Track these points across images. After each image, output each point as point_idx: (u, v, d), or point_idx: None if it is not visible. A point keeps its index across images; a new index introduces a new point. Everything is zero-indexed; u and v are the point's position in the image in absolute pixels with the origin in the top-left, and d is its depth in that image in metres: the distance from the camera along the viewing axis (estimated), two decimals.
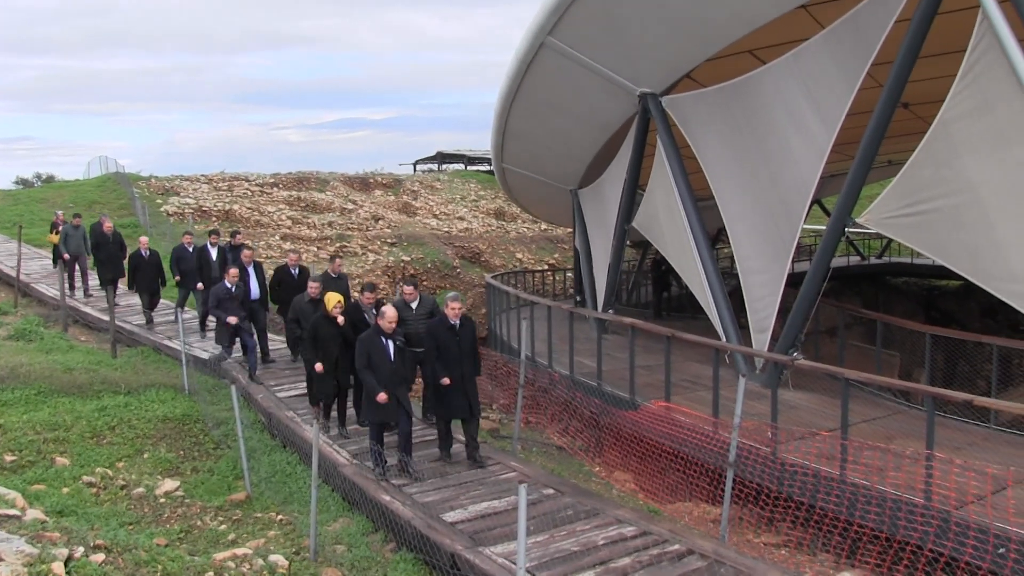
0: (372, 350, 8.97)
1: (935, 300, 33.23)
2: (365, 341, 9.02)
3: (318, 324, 10.39)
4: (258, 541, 8.04)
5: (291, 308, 12.05)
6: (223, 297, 12.74)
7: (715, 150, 13.70)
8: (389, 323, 8.97)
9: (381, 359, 9.00)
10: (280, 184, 35.92)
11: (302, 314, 11.65)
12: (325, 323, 10.37)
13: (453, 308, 9.48)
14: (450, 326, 9.48)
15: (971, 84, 9.59)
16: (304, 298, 11.90)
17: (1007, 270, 9.59)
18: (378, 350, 8.99)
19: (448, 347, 9.42)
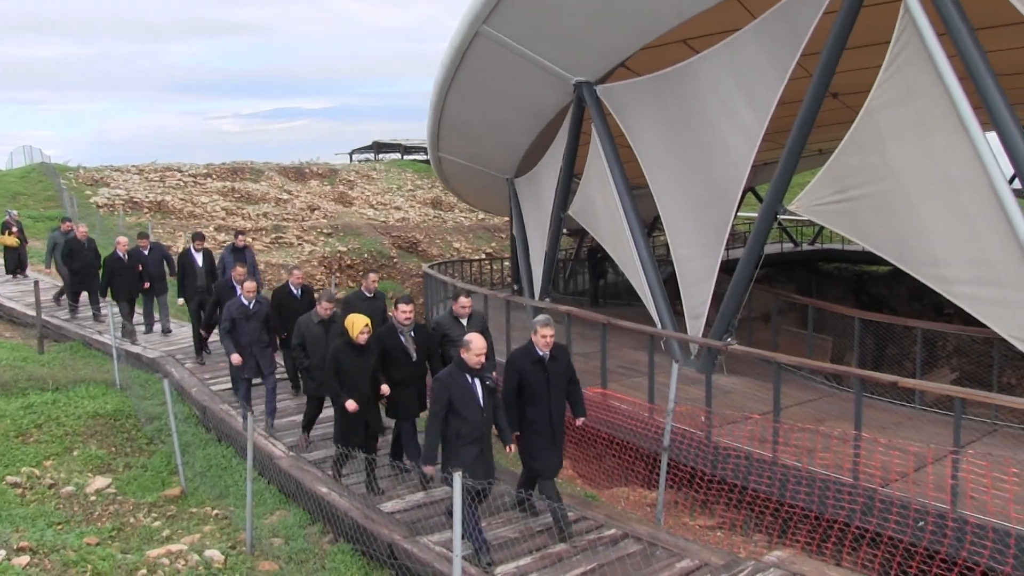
0: (456, 394, 6.89)
1: (865, 285, 33.96)
2: (445, 383, 6.93)
3: (340, 354, 8.28)
4: (193, 536, 7.93)
5: (295, 331, 9.61)
6: (238, 317, 10.12)
7: (649, 138, 13.82)
8: (477, 356, 6.92)
9: (469, 406, 6.91)
10: (214, 175, 35.33)
11: (310, 339, 9.48)
12: (350, 353, 8.29)
13: (544, 336, 7.40)
14: (537, 358, 7.47)
15: (895, 74, 9.82)
16: (312, 318, 9.56)
17: (930, 255, 9.85)
18: (464, 394, 6.92)
19: (535, 386, 7.43)
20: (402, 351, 8.57)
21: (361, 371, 8.34)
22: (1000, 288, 9.18)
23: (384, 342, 8.58)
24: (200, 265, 13.92)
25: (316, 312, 9.59)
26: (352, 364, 8.30)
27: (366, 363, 8.36)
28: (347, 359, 8.29)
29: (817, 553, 7.66)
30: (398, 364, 8.56)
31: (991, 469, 7.24)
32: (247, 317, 10.17)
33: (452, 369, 7.07)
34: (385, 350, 8.53)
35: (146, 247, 15.12)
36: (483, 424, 7.01)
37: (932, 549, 7.00)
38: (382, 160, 54.02)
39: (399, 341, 8.60)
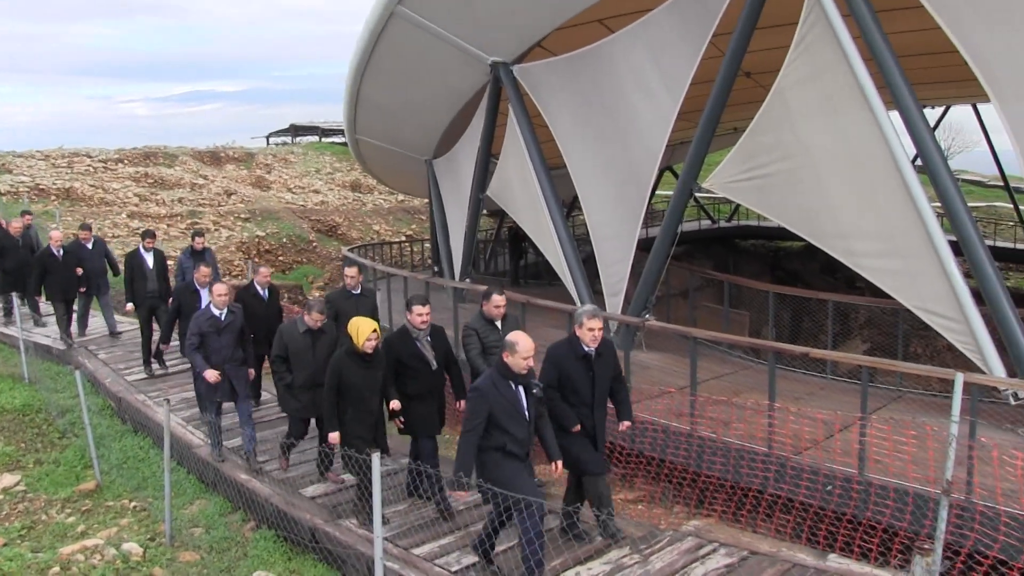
0: (498, 405, 5.92)
1: (781, 260, 34.79)
2: (485, 392, 5.94)
3: (343, 367, 7.01)
4: (110, 530, 7.80)
5: (277, 341, 8.19)
6: (209, 331, 8.52)
7: (566, 118, 13.90)
8: (525, 360, 5.92)
9: (513, 418, 5.97)
10: (125, 160, 34.33)
11: (294, 350, 8.08)
12: (355, 364, 7.01)
13: (592, 329, 6.50)
14: (583, 354, 6.60)
15: (803, 54, 10.08)
16: (297, 327, 8.15)
17: (838, 229, 10.16)
18: (508, 404, 5.96)
19: (577, 386, 6.63)
20: (419, 359, 7.45)
21: (369, 386, 7.10)
22: (903, 259, 9.52)
23: (396, 349, 7.43)
24: (151, 266, 12.29)
25: (302, 320, 8.14)
26: (358, 378, 7.02)
27: (374, 376, 7.12)
28: (352, 372, 6.99)
29: (734, 520, 7.89)
30: (414, 375, 7.43)
31: (892, 433, 7.54)
32: (219, 331, 8.54)
33: (492, 376, 6.01)
34: (398, 359, 7.41)
35: (88, 240, 13.55)
36: (529, 439, 6.09)
37: (839, 511, 7.27)
38: (299, 143, 53.17)
39: (415, 347, 7.45)
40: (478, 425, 5.92)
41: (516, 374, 5.95)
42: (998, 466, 6.84)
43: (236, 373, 8.71)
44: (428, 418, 7.60)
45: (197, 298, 9.97)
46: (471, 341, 7.78)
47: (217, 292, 8.62)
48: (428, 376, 7.50)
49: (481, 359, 7.63)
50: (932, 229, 9.19)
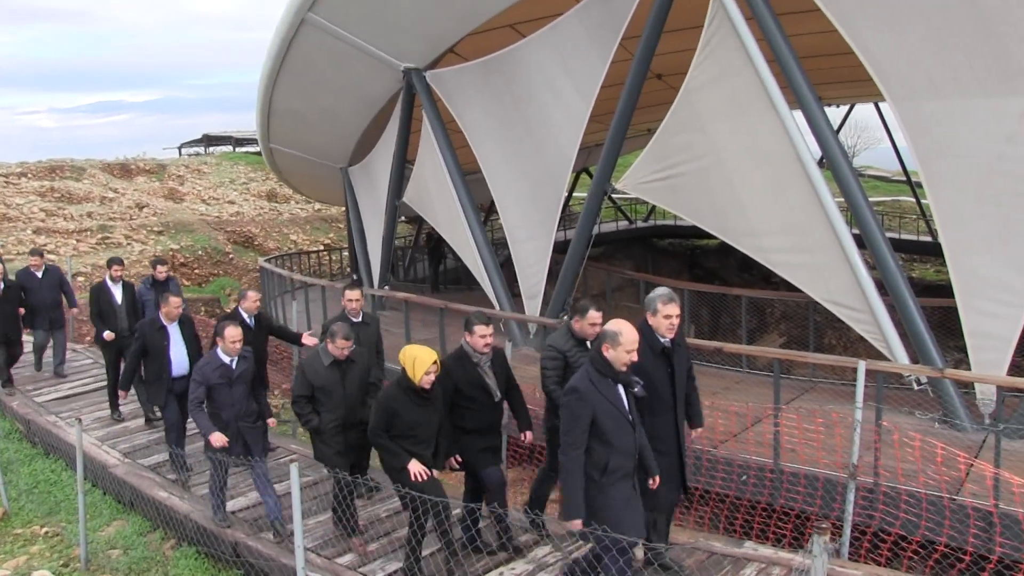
0: (601, 411, 4.99)
1: (698, 259, 35.36)
2: (585, 394, 4.98)
3: (395, 404, 5.99)
4: (18, 559, 7.55)
5: (298, 379, 7.07)
6: (218, 383, 7.08)
7: (480, 123, 13.97)
8: (629, 353, 5.03)
9: (618, 426, 5.06)
10: (29, 174, 33.24)
11: (321, 388, 6.88)
12: (410, 403, 6.00)
13: (669, 316, 5.58)
14: (660, 347, 5.66)
15: (709, 56, 10.33)
16: (320, 360, 6.94)
17: (748, 226, 10.42)
18: (611, 409, 5.04)
19: (657, 387, 5.60)
20: (481, 389, 6.39)
21: (426, 427, 6.06)
22: (810, 254, 9.81)
23: (455, 378, 6.35)
24: (119, 301, 10.71)
25: (326, 351, 6.91)
26: (413, 418, 5.99)
27: (432, 414, 6.10)
28: (408, 411, 5.97)
29: None
30: (475, 407, 6.40)
31: (803, 422, 7.79)
32: (230, 382, 7.11)
33: (590, 374, 5.06)
34: (456, 389, 6.36)
35: (39, 268, 11.87)
36: (635, 450, 5.15)
37: (754, 500, 7.48)
38: (213, 153, 52.22)
39: (477, 375, 6.40)
40: (581, 435, 4.96)
41: (617, 371, 5.05)
42: (899, 448, 7.12)
43: (251, 431, 7.27)
44: (483, 455, 6.50)
45: (164, 335, 8.62)
46: (554, 365, 6.42)
47: (231, 337, 7.06)
48: (490, 409, 6.50)
49: (560, 391, 5.93)
50: (836, 224, 9.50)
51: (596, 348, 5.12)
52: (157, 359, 8.58)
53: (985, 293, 8.68)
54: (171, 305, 8.67)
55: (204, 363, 7.22)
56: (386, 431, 6.01)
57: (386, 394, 6.12)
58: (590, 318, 6.39)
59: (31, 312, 11.83)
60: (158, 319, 8.75)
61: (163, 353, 8.56)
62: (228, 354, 7.14)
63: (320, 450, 7.06)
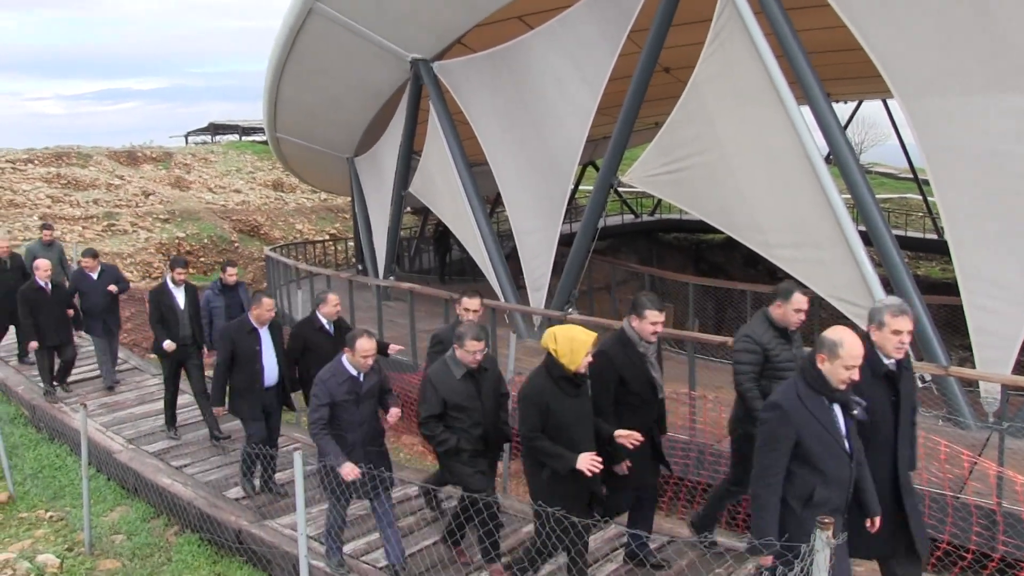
0: (810, 432, 4.18)
1: (703, 253, 35.37)
2: (790, 411, 4.19)
3: (546, 395, 5.06)
4: (23, 543, 7.58)
5: (428, 395, 5.81)
6: (344, 399, 6.00)
7: (487, 115, 13.96)
8: (849, 369, 4.16)
9: (830, 451, 4.23)
10: (36, 160, 33.27)
11: (456, 405, 5.75)
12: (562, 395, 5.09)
13: (898, 332, 4.53)
14: (885, 371, 4.66)
15: (717, 50, 10.31)
16: (450, 371, 5.80)
17: (754, 221, 10.41)
18: (824, 432, 4.21)
19: (878, 417, 4.58)
20: (647, 383, 5.56)
21: (581, 420, 5.15)
22: (816, 250, 9.81)
23: (619, 368, 5.44)
24: (182, 306, 9.41)
25: (455, 360, 5.80)
26: (568, 411, 5.07)
27: (585, 406, 5.20)
28: (560, 404, 5.06)
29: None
30: (635, 404, 5.52)
31: None
32: (358, 399, 6.07)
33: (798, 388, 4.24)
34: (621, 379, 5.45)
35: (94, 270, 11.04)
36: (850, 483, 4.30)
37: None
38: (219, 142, 52.25)
39: (644, 367, 5.52)
40: (779, 461, 4.20)
41: (833, 388, 4.19)
42: None
43: (379, 457, 6.20)
44: (643, 461, 5.61)
45: (256, 340, 7.64)
46: (751, 360, 5.59)
47: (364, 350, 5.97)
48: (652, 407, 5.65)
49: (758, 390, 5.51)
50: (843, 220, 9.49)
51: (809, 358, 4.29)
52: (248, 367, 7.58)
53: (990, 291, 8.66)
54: (264, 307, 7.69)
55: (327, 377, 6.04)
56: (542, 430, 5.04)
57: (532, 388, 5.13)
58: (795, 302, 5.59)
59: (85, 316, 11.08)
60: (248, 321, 7.70)
61: (255, 360, 7.59)
62: (357, 367, 6.06)
63: (457, 471, 5.89)
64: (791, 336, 5.68)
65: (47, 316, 10.56)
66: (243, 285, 10.27)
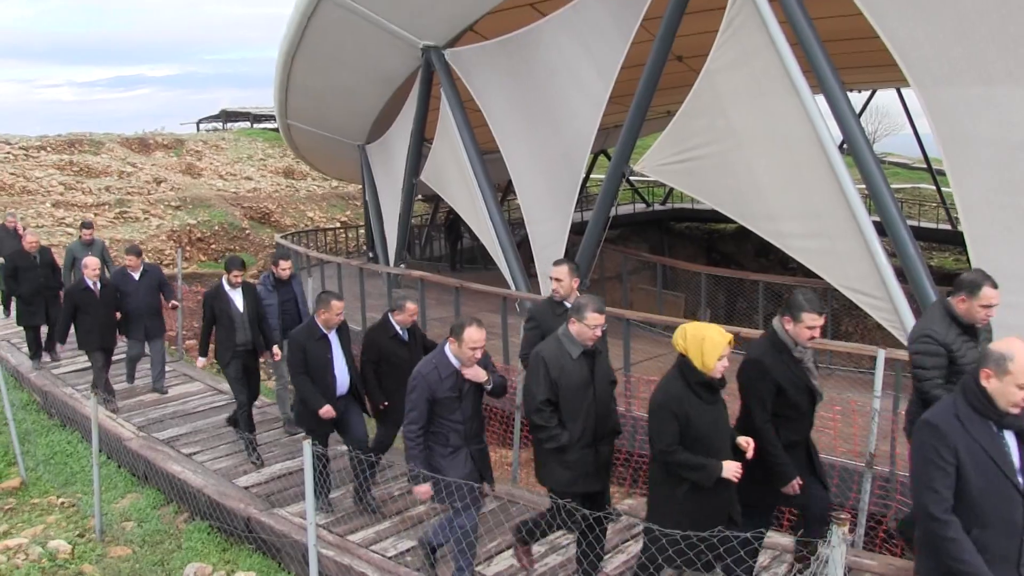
0: (974, 461, 3.60)
1: (715, 243, 35.29)
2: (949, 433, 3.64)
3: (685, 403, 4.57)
4: (35, 528, 7.61)
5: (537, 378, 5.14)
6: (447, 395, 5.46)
7: (498, 103, 13.89)
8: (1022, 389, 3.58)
9: (997, 488, 3.62)
10: (48, 147, 33.40)
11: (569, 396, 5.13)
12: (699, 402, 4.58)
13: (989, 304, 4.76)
14: None
15: (731, 38, 10.20)
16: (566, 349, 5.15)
17: (767, 210, 10.33)
18: (988, 462, 3.61)
19: None
20: (806, 392, 4.98)
21: (719, 430, 4.66)
22: (830, 240, 9.72)
23: (776, 375, 4.87)
24: (240, 309, 8.60)
25: (569, 337, 5.16)
26: (705, 420, 4.56)
27: (720, 412, 4.71)
28: (698, 413, 4.54)
29: None
30: (794, 417, 4.98)
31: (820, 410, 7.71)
32: (460, 395, 5.50)
33: (957, 407, 3.68)
34: (778, 389, 4.87)
35: (136, 269, 10.57)
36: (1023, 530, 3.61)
37: None
38: (231, 129, 52.35)
39: (801, 373, 4.96)
40: (946, 492, 3.58)
41: (1001, 411, 3.60)
42: None
43: (482, 456, 5.76)
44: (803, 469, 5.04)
45: (327, 347, 7.00)
46: (936, 363, 4.94)
47: (473, 340, 5.33)
48: (809, 418, 5.10)
49: None
50: (857, 210, 9.40)
51: (972, 373, 3.71)
52: (319, 378, 6.96)
53: (1008, 284, 8.52)
54: (333, 310, 6.97)
55: (427, 370, 5.42)
56: (680, 437, 4.53)
57: (668, 395, 4.59)
58: (984, 296, 4.94)
59: (126, 318, 10.50)
60: (316, 327, 7.02)
61: (327, 370, 6.97)
62: (463, 360, 5.44)
63: (555, 474, 5.23)
64: (978, 333, 5.03)
65: (95, 318, 9.98)
66: (297, 279, 9.42)
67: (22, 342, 12.96)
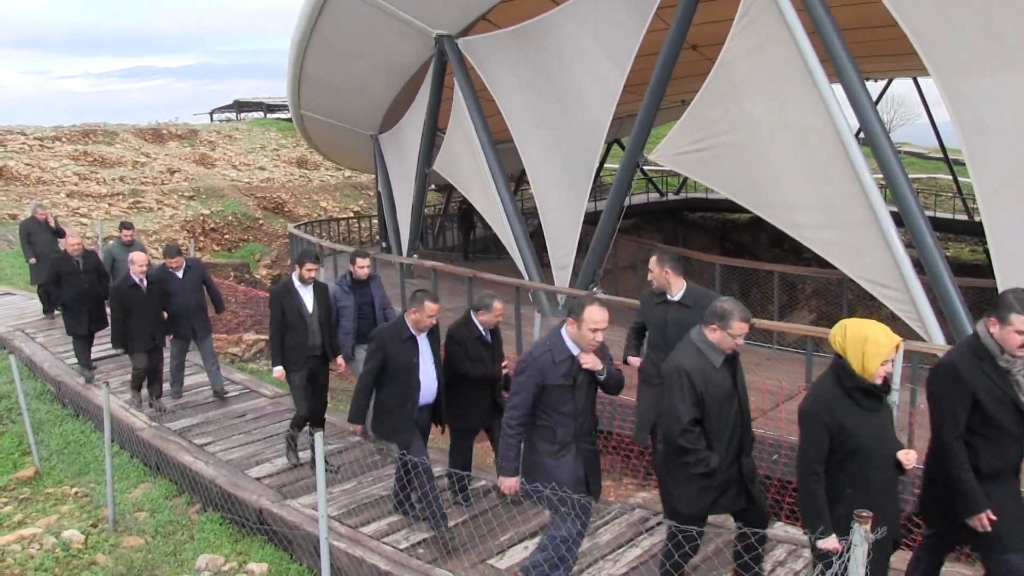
0: None
1: (729, 233, 35.12)
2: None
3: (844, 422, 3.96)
4: (50, 518, 7.59)
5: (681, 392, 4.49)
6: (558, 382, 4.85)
7: (512, 92, 13.83)
8: None
9: None
10: (63, 138, 33.46)
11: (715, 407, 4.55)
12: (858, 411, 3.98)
13: None
14: None
15: (747, 27, 10.12)
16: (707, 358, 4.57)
17: (783, 200, 10.25)
18: None
19: None
20: (1011, 409, 4.17)
21: (876, 439, 4.01)
22: (846, 231, 9.64)
23: (972, 386, 4.17)
24: (310, 309, 7.74)
25: (709, 344, 4.58)
26: (861, 428, 3.95)
27: (883, 423, 4.10)
28: (853, 418, 3.96)
29: None
30: (993, 436, 4.21)
31: None
32: (574, 384, 4.87)
33: None
34: (975, 402, 4.17)
35: (179, 268, 9.88)
36: None
37: (785, 480, 7.37)
38: (244, 119, 52.40)
39: (1006, 388, 4.18)
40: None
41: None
42: None
43: (592, 457, 5.14)
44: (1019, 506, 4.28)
45: (414, 350, 6.35)
46: None
47: (595, 321, 4.74)
48: (1019, 440, 4.23)
49: None
50: (874, 200, 9.31)
51: None
52: (402, 382, 6.29)
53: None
54: (426, 311, 6.25)
55: (539, 352, 4.86)
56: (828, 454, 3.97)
57: (818, 402, 4.06)
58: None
59: (171, 319, 9.87)
60: (405, 327, 6.34)
61: (411, 374, 6.31)
62: (581, 345, 4.83)
63: (693, 499, 4.63)
64: None
65: (142, 315, 9.40)
66: (376, 279, 8.59)
67: (37, 332, 13.00)
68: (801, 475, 4.05)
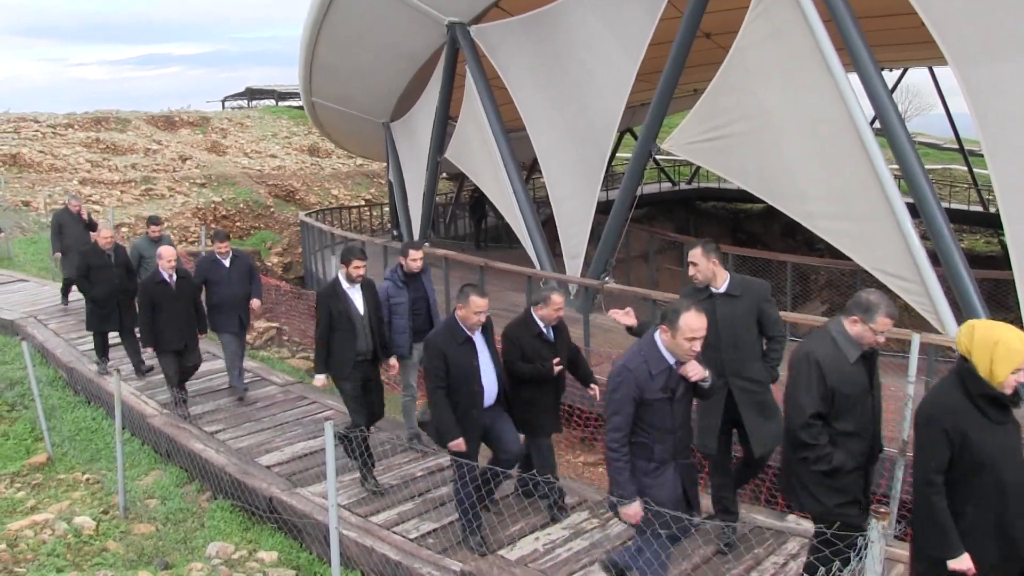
0: None
1: (741, 222, 34.97)
2: None
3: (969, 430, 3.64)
4: (61, 504, 7.62)
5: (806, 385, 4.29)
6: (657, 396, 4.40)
7: (524, 80, 13.76)
8: None
9: None
10: (76, 125, 33.51)
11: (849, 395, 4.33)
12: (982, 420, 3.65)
13: None
14: None
15: (762, 15, 10.02)
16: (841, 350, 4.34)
17: (796, 190, 10.17)
18: None
19: None
20: None
21: (1003, 452, 3.66)
22: (859, 222, 9.56)
23: None
24: (360, 311, 7.16)
25: (845, 337, 4.35)
26: (986, 439, 3.63)
27: (1012, 437, 3.74)
28: (977, 429, 3.64)
29: None
30: None
31: None
32: (673, 396, 4.47)
33: None
34: None
35: (227, 255, 9.63)
36: None
37: None
38: (256, 107, 52.40)
39: None
40: None
41: None
42: None
43: (691, 472, 4.74)
44: None
45: (472, 352, 5.90)
46: None
47: (693, 329, 4.26)
48: None
49: None
50: (889, 191, 9.22)
51: None
52: (464, 388, 5.85)
53: None
54: (472, 307, 5.78)
55: (635, 364, 4.43)
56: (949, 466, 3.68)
57: (938, 407, 3.75)
58: None
59: (215, 311, 9.57)
60: (460, 329, 5.86)
61: (473, 378, 5.87)
62: (678, 355, 4.41)
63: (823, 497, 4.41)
64: None
65: (170, 314, 8.93)
66: (427, 272, 7.94)
67: (49, 318, 13.01)
68: (917, 486, 3.72)
